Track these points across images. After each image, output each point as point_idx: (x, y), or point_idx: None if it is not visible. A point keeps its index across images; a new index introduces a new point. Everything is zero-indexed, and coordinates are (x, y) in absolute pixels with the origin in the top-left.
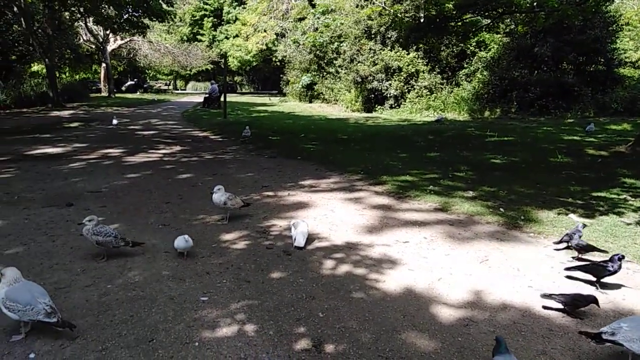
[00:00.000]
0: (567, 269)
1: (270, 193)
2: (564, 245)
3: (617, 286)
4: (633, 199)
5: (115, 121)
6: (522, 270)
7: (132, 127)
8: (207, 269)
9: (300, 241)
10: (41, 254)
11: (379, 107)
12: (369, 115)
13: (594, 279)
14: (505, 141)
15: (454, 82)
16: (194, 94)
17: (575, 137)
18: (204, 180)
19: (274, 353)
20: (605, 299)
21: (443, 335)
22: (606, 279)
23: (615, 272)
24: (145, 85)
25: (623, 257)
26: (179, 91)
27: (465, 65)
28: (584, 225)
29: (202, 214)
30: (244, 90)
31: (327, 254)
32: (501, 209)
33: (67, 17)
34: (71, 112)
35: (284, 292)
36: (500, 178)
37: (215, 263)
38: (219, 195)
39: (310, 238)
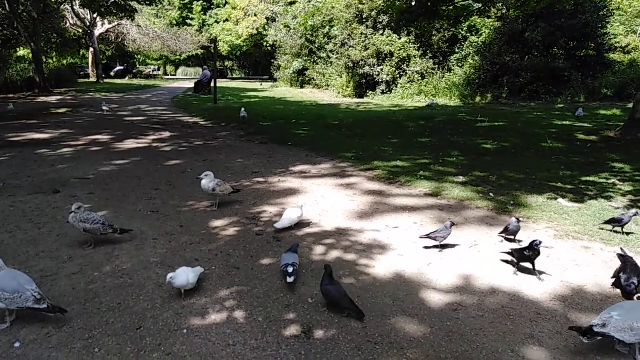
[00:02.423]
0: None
1: (261, 179)
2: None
3: (606, 271)
4: (622, 184)
5: (105, 107)
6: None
7: (121, 113)
8: (195, 256)
9: (282, 224)
10: (27, 241)
11: (370, 92)
12: (361, 100)
13: (516, 262)
14: (496, 126)
15: (445, 67)
16: (184, 79)
17: (565, 122)
18: (193, 167)
19: (263, 339)
20: (594, 283)
21: (432, 320)
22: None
23: (531, 257)
24: (134, 71)
25: (540, 242)
26: (169, 77)
27: (457, 50)
28: (636, 213)
29: (192, 201)
30: (234, 76)
31: (317, 239)
32: (491, 194)
33: None
34: (59, 97)
35: (273, 279)
36: (490, 163)
37: (205, 250)
38: (208, 182)
39: (301, 224)
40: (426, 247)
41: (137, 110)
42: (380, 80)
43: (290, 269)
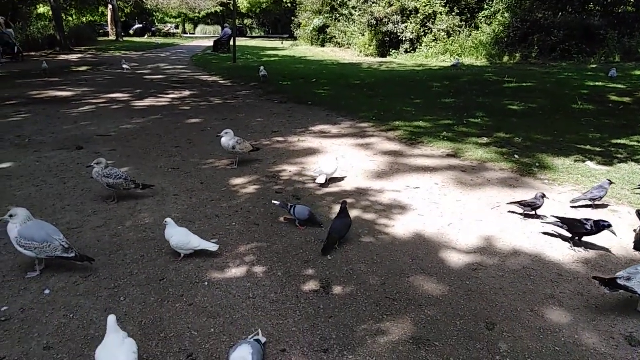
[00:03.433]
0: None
1: (280, 138)
2: None
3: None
4: None
5: (125, 65)
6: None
7: (140, 71)
8: (216, 212)
9: (321, 179)
10: (53, 195)
11: (393, 51)
12: (383, 60)
13: (570, 235)
14: (524, 87)
15: (472, 25)
16: (203, 37)
17: (598, 84)
18: (213, 125)
19: (282, 293)
20: (619, 246)
21: (451, 279)
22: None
23: (592, 232)
24: (153, 29)
25: (609, 225)
26: (188, 35)
27: (486, 7)
28: None
29: (212, 159)
30: (254, 34)
31: (336, 199)
32: (516, 156)
33: None
34: (79, 55)
35: (292, 235)
36: (516, 125)
37: (225, 207)
38: (228, 139)
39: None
40: (511, 212)
41: (157, 69)
42: (404, 39)
43: (289, 205)
